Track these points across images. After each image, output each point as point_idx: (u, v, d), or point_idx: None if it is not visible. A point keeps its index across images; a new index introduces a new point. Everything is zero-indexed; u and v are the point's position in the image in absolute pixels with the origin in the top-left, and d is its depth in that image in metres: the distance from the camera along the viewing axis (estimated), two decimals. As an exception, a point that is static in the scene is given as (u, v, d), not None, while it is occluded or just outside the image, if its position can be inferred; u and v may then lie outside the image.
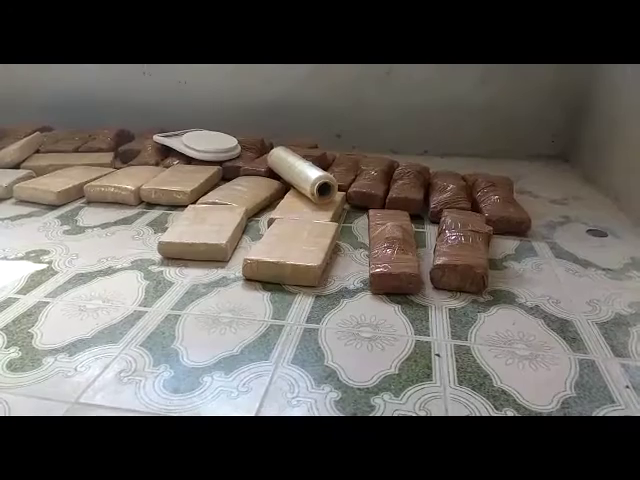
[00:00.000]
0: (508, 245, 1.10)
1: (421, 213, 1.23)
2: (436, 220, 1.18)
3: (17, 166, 1.45)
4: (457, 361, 0.72)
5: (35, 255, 1.00)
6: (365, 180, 1.32)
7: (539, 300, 0.89)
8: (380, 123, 1.86)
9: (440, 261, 0.89)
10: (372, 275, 0.88)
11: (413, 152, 1.83)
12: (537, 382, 0.69)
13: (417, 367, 0.70)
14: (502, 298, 0.89)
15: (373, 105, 1.85)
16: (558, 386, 0.68)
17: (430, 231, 1.16)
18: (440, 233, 1.00)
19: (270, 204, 1.30)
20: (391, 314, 0.83)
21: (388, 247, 0.93)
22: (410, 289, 0.88)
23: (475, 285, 0.88)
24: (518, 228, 1.14)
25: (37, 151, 1.54)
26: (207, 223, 1.07)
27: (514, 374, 0.70)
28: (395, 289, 0.88)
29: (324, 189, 1.18)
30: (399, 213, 1.12)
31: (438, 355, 0.73)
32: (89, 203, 1.28)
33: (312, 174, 1.19)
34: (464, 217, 1.04)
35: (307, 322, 0.80)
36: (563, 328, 0.81)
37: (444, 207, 1.17)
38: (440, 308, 0.85)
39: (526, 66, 1.72)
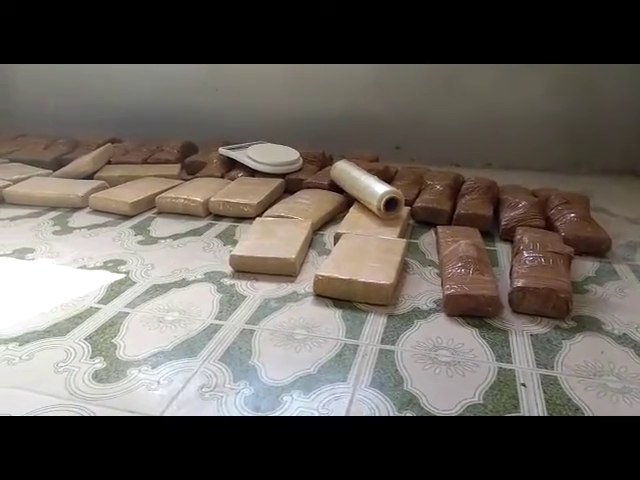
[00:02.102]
0: (587, 267, 1.04)
1: (490, 230, 1.20)
2: (507, 238, 1.15)
3: (90, 176, 1.51)
4: (545, 392, 0.68)
5: (113, 265, 1.03)
6: (430, 195, 1.30)
7: (626, 328, 0.84)
8: (441, 135, 1.83)
9: (520, 283, 0.85)
10: (447, 296, 0.85)
11: (475, 165, 1.78)
12: (634, 419, 0.64)
13: (502, 397, 0.67)
14: (587, 324, 0.84)
15: (434, 116, 1.83)
16: (658, 424, 0.63)
17: (502, 250, 1.12)
18: (517, 253, 0.96)
19: (333, 218, 1.30)
20: (469, 338, 0.80)
21: (462, 267, 0.90)
22: (488, 312, 0.84)
23: (558, 310, 0.84)
24: (597, 249, 1.08)
25: (108, 162, 1.61)
26: (275, 237, 1.08)
27: (607, 409, 0.66)
28: (471, 311, 0.85)
29: (390, 204, 1.17)
30: (470, 230, 1.09)
31: (524, 385, 0.70)
32: (159, 214, 1.31)
33: (378, 189, 1.18)
34: (542, 236, 0.99)
35: (382, 343, 0.79)
36: (656, 360, 0.76)
37: (516, 224, 1.13)
38: (521, 333, 0.81)
39: (597, 77, 1.66)
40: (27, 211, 1.34)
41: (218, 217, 1.30)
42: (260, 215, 1.25)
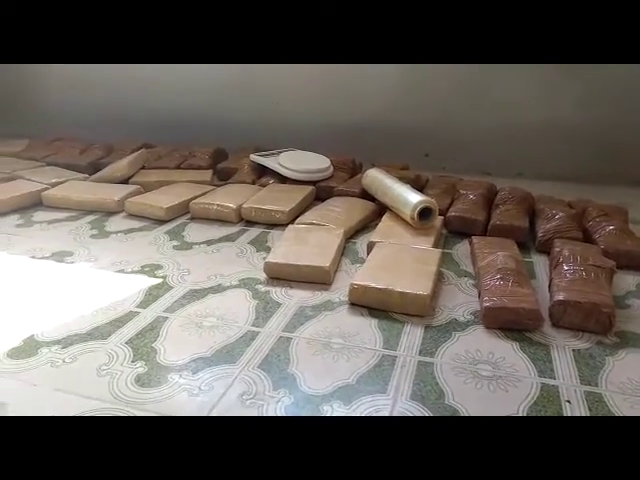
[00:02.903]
0: (628, 281, 1.02)
1: (526, 241, 1.18)
2: (543, 250, 1.13)
3: (126, 181, 1.54)
4: (590, 410, 0.67)
5: (150, 269, 1.05)
6: (464, 204, 1.28)
7: (672, 345, 0.82)
8: (471, 143, 1.81)
9: (561, 296, 0.84)
10: (486, 308, 0.84)
11: (507, 174, 1.76)
12: (686, 441, 0.62)
13: (547, 414, 0.66)
14: (630, 340, 0.82)
15: (464, 124, 1.81)
16: None
17: (538, 262, 1.10)
18: (556, 266, 0.95)
19: (365, 226, 1.30)
20: (509, 352, 0.79)
21: (501, 278, 0.89)
22: (528, 325, 0.83)
23: (600, 325, 0.82)
24: (638, 262, 1.06)
25: (142, 167, 1.64)
26: (309, 244, 1.08)
27: (657, 429, 0.64)
28: (510, 324, 0.84)
29: (424, 213, 1.16)
30: (506, 242, 1.07)
31: (568, 402, 0.68)
32: (193, 219, 1.33)
33: (412, 198, 1.18)
34: (582, 249, 0.98)
35: (420, 354, 0.78)
36: None
37: (553, 236, 1.11)
38: (563, 348, 0.80)
39: (631, 86, 1.62)
40: (65, 214, 1.37)
41: (250, 223, 1.31)
42: (292, 222, 1.25)
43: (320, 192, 1.47)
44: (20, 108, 2.33)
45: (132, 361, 0.76)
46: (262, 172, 1.59)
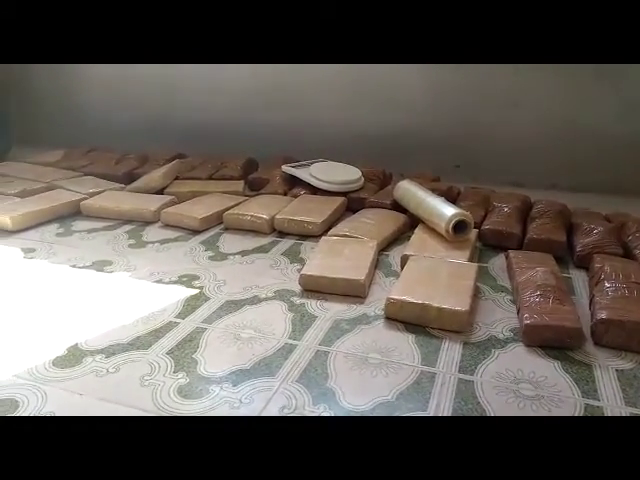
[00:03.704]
0: (672, 299, 0.99)
1: (563, 256, 1.16)
2: (582, 265, 1.11)
3: (160, 191, 1.57)
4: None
5: (187, 280, 1.07)
6: (499, 217, 1.27)
7: None
8: (503, 153, 1.79)
9: (604, 315, 0.82)
10: (527, 326, 0.83)
11: (540, 186, 1.73)
12: None
13: (593, 436, 0.65)
14: (676, 362, 0.80)
15: (496, 134, 1.79)
16: None
17: (577, 277, 1.08)
18: (597, 283, 0.93)
19: (397, 238, 1.30)
20: (551, 371, 0.78)
21: (541, 295, 0.88)
22: (569, 344, 0.82)
23: (645, 345, 0.81)
24: (681, 280, 1.03)
25: (176, 177, 1.67)
26: (343, 257, 1.09)
27: None
28: (551, 342, 0.82)
29: (459, 226, 1.15)
30: (544, 256, 1.06)
31: (615, 424, 0.67)
32: (226, 230, 1.35)
33: (447, 210, 1.17)
34: (623, 266, 0.96)
35: (460, 372, 0.78)
36: None
37: (592, 251, 1.09)
38: (606, 368, 0.78)
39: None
40: (102, 224, 1.40)
41: (282, 234, 1.32)
42: (324, 233, 1.26)
43: (351, 203, 1.48)
44: (49, 119, 2.40)
45: (174, 372, 0.77)
46: (293, 183, 1.60)
